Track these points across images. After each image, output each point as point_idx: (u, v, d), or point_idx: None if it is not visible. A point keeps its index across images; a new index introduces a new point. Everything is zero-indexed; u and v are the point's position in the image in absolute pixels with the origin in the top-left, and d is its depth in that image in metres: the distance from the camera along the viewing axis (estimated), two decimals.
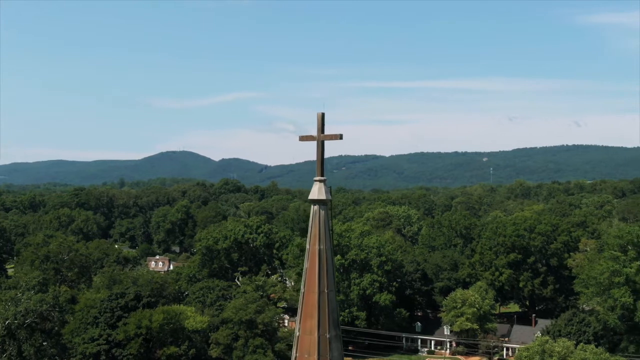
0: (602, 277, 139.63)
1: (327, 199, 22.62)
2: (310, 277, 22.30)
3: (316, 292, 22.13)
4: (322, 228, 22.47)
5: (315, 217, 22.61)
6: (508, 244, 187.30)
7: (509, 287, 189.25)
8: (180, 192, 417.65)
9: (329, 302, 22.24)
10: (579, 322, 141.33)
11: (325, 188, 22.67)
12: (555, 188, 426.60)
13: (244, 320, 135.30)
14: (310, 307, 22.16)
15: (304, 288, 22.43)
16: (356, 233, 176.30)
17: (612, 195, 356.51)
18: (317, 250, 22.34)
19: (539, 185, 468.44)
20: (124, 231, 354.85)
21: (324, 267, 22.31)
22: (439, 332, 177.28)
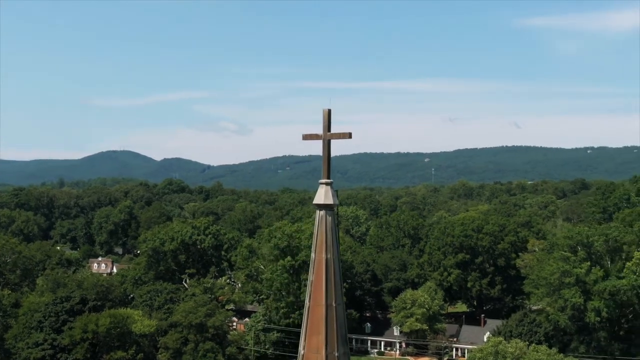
0: (553, 277, 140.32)
1: (334, 204, 20.65)
2: (316, 289, 20.34)
3: (323, 306, 20.17)
4: (329, 235, 20.53)
5: (322, 224, 20.66)
6: (456, 244, 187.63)
7: (457, 287, 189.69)
8: (123, 192, 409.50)
9: (337, 316, 20.34)
10: (530, 323, 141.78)
11: (332, 191, 20.73)
12: (497, 188, 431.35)
13: (194, 324, 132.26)
14: (316, 323, 20.19)
15: (309, 301, 20.45)
16: (306, 234, 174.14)
17: (554, 196, 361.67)
18: (323, 260, 20.39)
19: (481, 186, 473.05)
20: (65, 232, 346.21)
21: (332, 279, 20.36)
22: (389, 333, 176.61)
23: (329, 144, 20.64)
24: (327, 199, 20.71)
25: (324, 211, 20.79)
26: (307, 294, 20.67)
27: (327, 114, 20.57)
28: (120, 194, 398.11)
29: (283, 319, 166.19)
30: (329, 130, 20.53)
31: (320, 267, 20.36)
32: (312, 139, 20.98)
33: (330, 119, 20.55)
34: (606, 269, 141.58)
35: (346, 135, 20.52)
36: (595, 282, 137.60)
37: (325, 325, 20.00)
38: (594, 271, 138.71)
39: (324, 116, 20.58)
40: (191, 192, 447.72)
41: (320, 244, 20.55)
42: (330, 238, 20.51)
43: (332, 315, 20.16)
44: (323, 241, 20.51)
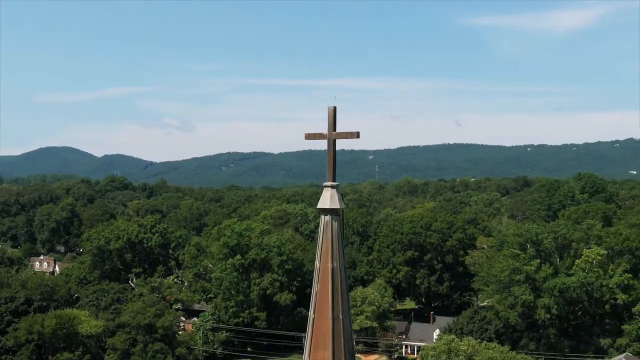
0: (503, 274, 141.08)
1: (341, 208, 19.19)
2: (322, 300, 18.86)
3: (329, 318, 18.71)
4: (336, 242, 19.07)
5: (327, 230, 19.17)
6: (405, 242, 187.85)
7: (406, 285, 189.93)
8: (64, 189, 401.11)
9: (345, 329, 18.89)
10: (481, 320, 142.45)
11: (338, 195, 19.26)
12: (441, 186, 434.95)
13: (143, 325, 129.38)
14: (322, 336, 18.71)
15: (314, 313, 18.95)
16: (256, 232, 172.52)
17: (498, 193, 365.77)
18: (329, 269, 18.92)
19: (425, 183, 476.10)
20: (5, 230, 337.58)
21: (338, 289, 18.92)
22: None
23: (334, 144, 19.20)
24: (333, 203, 19.21)
25: (330, 216, 19.30)
26: (311, 305, 19.20)
27: (333, 111, 19.09)
28: (61, 191, 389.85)
29: (232, 318, 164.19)
30: (335, 130, 19.07)
31: (326, 277, 18.89)
32: (316, 138, 19.50)
33: (336, 117, 19.10)
34: (555, 267, 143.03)
35: (354, 134, 19.07)
36: (545, 280, 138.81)
37: (332, 340, 18.55)
38: (544, 268, 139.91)
39: (329, 114, 19.10)
40: (134, 190, 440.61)
41: (325, 252, 19.07)
42: (336, 245, 19.06)
43: (339, 329, 18.72)
44: (329, 249, 19.04)
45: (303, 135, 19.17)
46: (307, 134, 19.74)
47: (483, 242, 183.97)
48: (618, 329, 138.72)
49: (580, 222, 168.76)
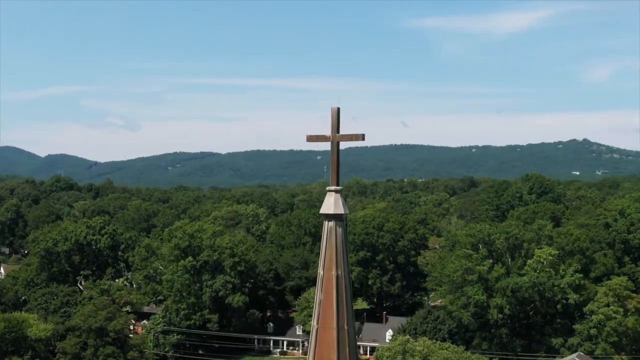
0: (456, 275, 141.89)
1: (345, 213, 18.43)
2: (326, 310, 18.06)
3: (334, 329, 17.91)
4: (340, 249, 18.31)
5: (331, 236, 18.39)
6: (357, 242, 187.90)
7: (358, 285, 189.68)
8: (8, 189, 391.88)
9: (349, 340, 18.10)
10: (434, 320, 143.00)
11: (342, 200, 18.49)
12: (390, 186, 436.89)
13: (94, 328, 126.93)
14: (327, 347, 17.91)
15: (317, 324, 18.13)
16: (208, 233, 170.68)
17: (446, 194, 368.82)
18: (334, 278, 18.14)
19: (374, 183, 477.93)
20: None
21: (343, 298, 18.13)
22: (291, 332, 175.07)
23: (338, 147, 18.42)
24: (337, 209, 18.45)
25: (334, 222, 18.53)
26: (314, 315, 18.36)
27: (336, 113, 18.29)
28: (5, 192, 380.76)
29: (184, 320, 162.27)
30: (339, 132, 18.28)
31: (330, 286, 18.09)
32: (319, 140, 18.68)
33: (340, 119, 18.31)
34: (507, 267, 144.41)
35: (359, 137, 18.30)
36: (497, 280, 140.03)
37: (337, 351, 17.76)
38: (496, 268, 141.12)
39: (333, 116, 18.30)
40: (80, 190, 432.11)
41: (329, 259, 18.28)
42: (340, 252, 18.29)
43: (344, 339, 17.93)
44: (333, 256, 18.25)
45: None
46: (309, 135, 18.91)
47: (435, 242, 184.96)
48: (569, 329, 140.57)
49: (530, 223, 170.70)
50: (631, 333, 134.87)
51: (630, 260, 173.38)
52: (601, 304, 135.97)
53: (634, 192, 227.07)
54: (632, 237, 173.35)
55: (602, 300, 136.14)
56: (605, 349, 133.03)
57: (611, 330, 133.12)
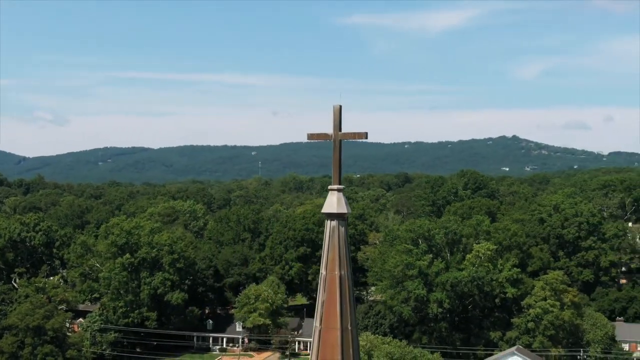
0: (396, 270, 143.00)
1: (347, 213, 18.21)
2: (329, 311, 17.79)
3: (338, 329, 17.67)
4: (343, 249, 18.08)
5: (334, 236, 18.14)
6: (298, 238, 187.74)
7: (298, 281, 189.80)
8: None
9: (353, 340, 17.89)
10: (375, 315, 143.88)
11: (344, 199, 18.27)
12: (327, 182, 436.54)
13: (31, 327, 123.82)
14: (330, 348, 17.64)
15: (320, 324, 17.85)
16: (146, 230, 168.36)
17: (383, 189, 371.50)
18: (337, 278, 17.88)
19: (311, 179, 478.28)
20: None
21: (346, 298, 17.90)
22: (231, 329, 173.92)
23: (340, 145, 18.16)
24: (340, 208, 18.21)
25: (336, 221, 18.28)
26: (316, 316, 18.07)
27: (338, 110, 18.03)
28: None
29: (122, 318, 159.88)
30: (340, 130, 18.03)
31: (333, 286, 17.83)
32: (320, 139, 18.39)
33: (341, 116, 18.05)
34: (447, 261, 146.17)
35: (362, 135, 18.07)
36: (437, 274, 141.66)
37: (341, 352, 17.50)
38: (436, 263, 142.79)
39: (335, 113, 18.02)
40: (10, 186, 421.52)
41: (332, 259, 18.03)
42: (343, 252, 18.06)
43: (347, 340, 17.69)
44: (336, 256, 18.01)
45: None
46: (310, 134, 18.60)
47: (375, 237, 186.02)
48: (507, 322, 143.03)
49: (467, 218, 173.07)
50: (567, 326, 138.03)
51: (565, 255, 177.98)
52: (538, 297, 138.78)
53: (565, 188, 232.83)
54: (566, 232, 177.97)
55: (539, 294, 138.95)
56: (543, 342, 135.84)
57: (548, 324, 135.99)
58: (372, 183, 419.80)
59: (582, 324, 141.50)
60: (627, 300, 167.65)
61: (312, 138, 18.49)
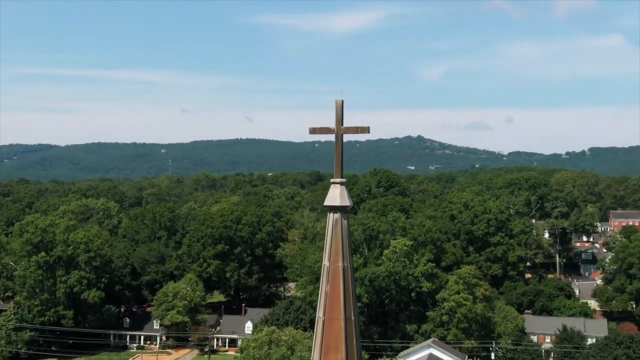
0: (316, 266, 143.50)
1: (350, 205, 18.37)
2: (333, 301, 17.88)
3: (342, 320, 17.78)
4: (346, 241, 18.21)
5: (337, 228, 18.24)
6: (216, 235, 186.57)
7: (216, 278, 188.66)
8: None
9: (355, 330, 18.07)
10: (296, 310, 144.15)
11: (347, 192, 18.41)
12: (240, 180, 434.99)
13: None
14: (334, 339, 17.74)
15: (323, 315, 17.93)
16: (61, 228, 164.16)
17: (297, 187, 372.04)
18: (340, 269, 17.98)
19: (224, 177, 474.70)
20: None
21: (349, 289, 18.04)
22: (149, 327, 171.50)
23: (342, 139, 18.25)
24: (343, 201, 18.27)
25: (339, 214, 18.35)
26: (319, 306, 18.12)
27: (340, 105, 18.08)
28: None
29: (37, 317, 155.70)
30: (342, 124, 18.11)
31: (337, 277, 17.91)
32: (322, 133, 18.38)
33: (343, 111, 18.15)
34: (365, 257, 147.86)
35: (365, 129, 18.16)
36: (356, 270, 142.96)
37: (345, 342, 17.64)
38: (355, 259, 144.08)
39: (337, 108, 18.07)
40: None
41: (336, 251, 18.10)
42: (346, 244, 18.14)
43: (351, 330, 17.83)
44: (339, 248, 18.09)
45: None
46: (312, 128, 18.57)
47: (294, 234, 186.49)
48: (423, 316, 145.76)
49: (382, 215, 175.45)
50: (479, 319, 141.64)
51: (475, 250, 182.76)
52: (452, 291, 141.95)
53: (474, 187, 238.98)
54: (476, 229, 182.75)
55: (453, 288, 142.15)
56: (456, 335, 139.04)
57: (461, 317, 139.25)
58: (286, 181, 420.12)
59: (494, 316, 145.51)
60: (534, 294, 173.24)
61: (314, 132, 18.51)
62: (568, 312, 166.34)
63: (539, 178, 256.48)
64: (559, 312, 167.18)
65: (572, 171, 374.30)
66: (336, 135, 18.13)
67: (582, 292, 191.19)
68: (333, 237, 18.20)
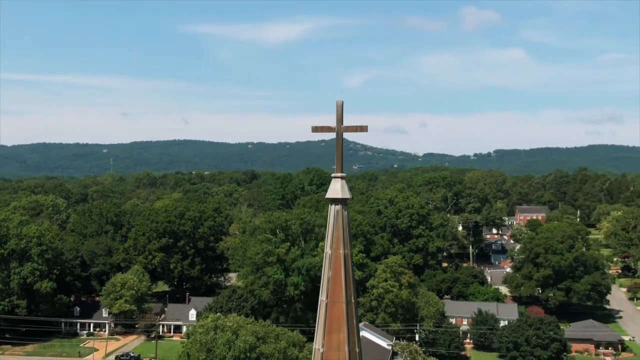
0: (257, 257, 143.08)
1: (349, 198, 18.43)
2: (335, 285, 17.93)
3: (343, 303, 17.85)
4: (346, 230, 18.25)
5: (338, 218, 18.26)
6: (160, 230, 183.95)
7: (160, 269, 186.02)
8: None
9: (355, 312, 18.15)
10: (238, 298, 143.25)
11: (347, 186, 18.46)
12: (180, 178, 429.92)
13: None
14: (336, 320, 17.80)
15: (326, 298, 17.96)
16: (15, 222, 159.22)
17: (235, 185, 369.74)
18: (341, 256, 18.03)
19: (164, 175, 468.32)
20: None
21: (350, 275, 18.11)
22: (98, 315, 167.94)
23: (342, 137, 18.29)
24: (344, 194, 18.33)
25: (340, 206, 18.37)
26: (322, 290, 18.09)
27: (341, 106, 18.15)
28: None
29: None
30: (343, 123, 18.16)
31: (339, 263, 17.94)
32: (324, 131, 18.40)
33: (343, 111, 18.20)
34: (302, 248, 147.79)
35: (363, 128, 18.27)
36: (294, 260, 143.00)
37: (346, 322, 17.69)
38: (293, 251, 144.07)
39: (338, 108, 18.14)
40: None
41: (337, 240, 18.12)
42: (346, 233, 18.19)
43: (351, 312, 17.89)
44: (340, 236, 18.11)
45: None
46: (315, 126, 18.57)
47: (235, 228, 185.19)
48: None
49: (316, 210, 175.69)
50: (405, 304, 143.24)
51: (399, 242, 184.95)
52: (380, 279, 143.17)
53: (397, 184, 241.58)
54: (400, 222, 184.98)
55: (381, 276, 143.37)
56: (384, 318, 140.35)
57: (389, 302, 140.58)
58: (223, 179, 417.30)
59: (417, 302, 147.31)
60: (452, 281, 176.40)
61: (317, 130, 18.53)
62: (482, 297, 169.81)
63: (454, 177, 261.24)
64: (473, 297, 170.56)
65: (482, 171, 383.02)
66: (337, 134, 18.19)
67: (493, 279, 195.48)
68: (335, 227, 18.24)
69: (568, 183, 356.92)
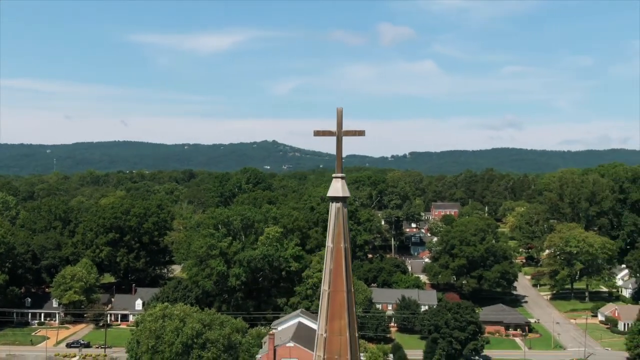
0: (201, 250, 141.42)
1: (348, 196, 18.51)
2: (337, 276, 17.95)
3: (344, 292, 17.91)
4: (346, 226, 18.34)
5: (339, 215, 18.31)
6: (107, 225, 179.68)
7: (107, 262, 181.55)
8: None
9: (354, 301, 18.23)
10: (184, 289, 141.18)
11: (346, 185, 18.53)
12: (122, 177, 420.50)
13: None
14: (338, 307, 17.83)
15: (329, 288, 17.94)
16: None
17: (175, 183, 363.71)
18: (342, 249, 18.07)
19: (106, 174, 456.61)
20: None
21: (349, 266, 18.21)
22: (48, 305, 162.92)
23: (342, 141, 18.29)
24: (344, 192, 18.45)
25: (340, 203, 18.43)
26: (324, 280, 18.02)
27: (340, 112, 18.17)
28: None
29: None
30: (342, 128, 18.17)
31: (340, 256, 17.96)
32: (325, 135, 18.35)
33: (342, 117, 18.22)
34: (243, 242, 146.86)
35: (361, 132, 18.34)
36: (235, 253, 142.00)
37: (347, 310, 17.73)
38: (234, 244, 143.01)
39: (338, 114, 18.14)
40: None
41: (338, 234, 18.12)
42: (346, 228, 18.23)
43: (351, 300, 17.94)
44: (341, 231, 18.13)
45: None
46: (316, 130, 18.50)
47: (180, 224, 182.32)
48: (291, 290, 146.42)
49: (254, 207, 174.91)
50: None
51: None
52: (315, 270, 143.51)
53: (326, 183, 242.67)
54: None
55: (316, 267, 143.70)
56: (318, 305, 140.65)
57: None
58: (163, 178, 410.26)
59: None
60: (377, 271, 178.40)
61: (318, 134, 18.48)
62: (404, 284, 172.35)
63: (378, 176, 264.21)
64: (397, 285, 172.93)
65: (401, 171, 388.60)
66: (337, 137, 18.17)
67: (414, 269, 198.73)
68: (336, 223, 18.28)
69: (477, 182, 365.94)
